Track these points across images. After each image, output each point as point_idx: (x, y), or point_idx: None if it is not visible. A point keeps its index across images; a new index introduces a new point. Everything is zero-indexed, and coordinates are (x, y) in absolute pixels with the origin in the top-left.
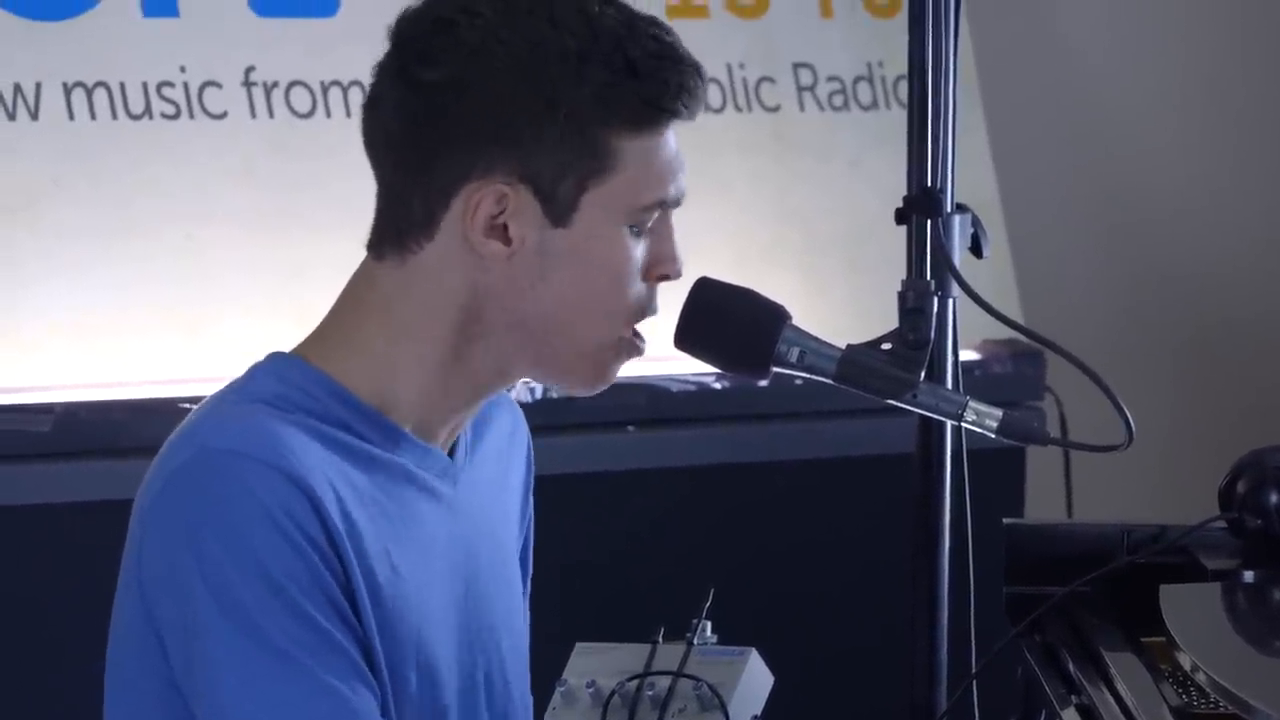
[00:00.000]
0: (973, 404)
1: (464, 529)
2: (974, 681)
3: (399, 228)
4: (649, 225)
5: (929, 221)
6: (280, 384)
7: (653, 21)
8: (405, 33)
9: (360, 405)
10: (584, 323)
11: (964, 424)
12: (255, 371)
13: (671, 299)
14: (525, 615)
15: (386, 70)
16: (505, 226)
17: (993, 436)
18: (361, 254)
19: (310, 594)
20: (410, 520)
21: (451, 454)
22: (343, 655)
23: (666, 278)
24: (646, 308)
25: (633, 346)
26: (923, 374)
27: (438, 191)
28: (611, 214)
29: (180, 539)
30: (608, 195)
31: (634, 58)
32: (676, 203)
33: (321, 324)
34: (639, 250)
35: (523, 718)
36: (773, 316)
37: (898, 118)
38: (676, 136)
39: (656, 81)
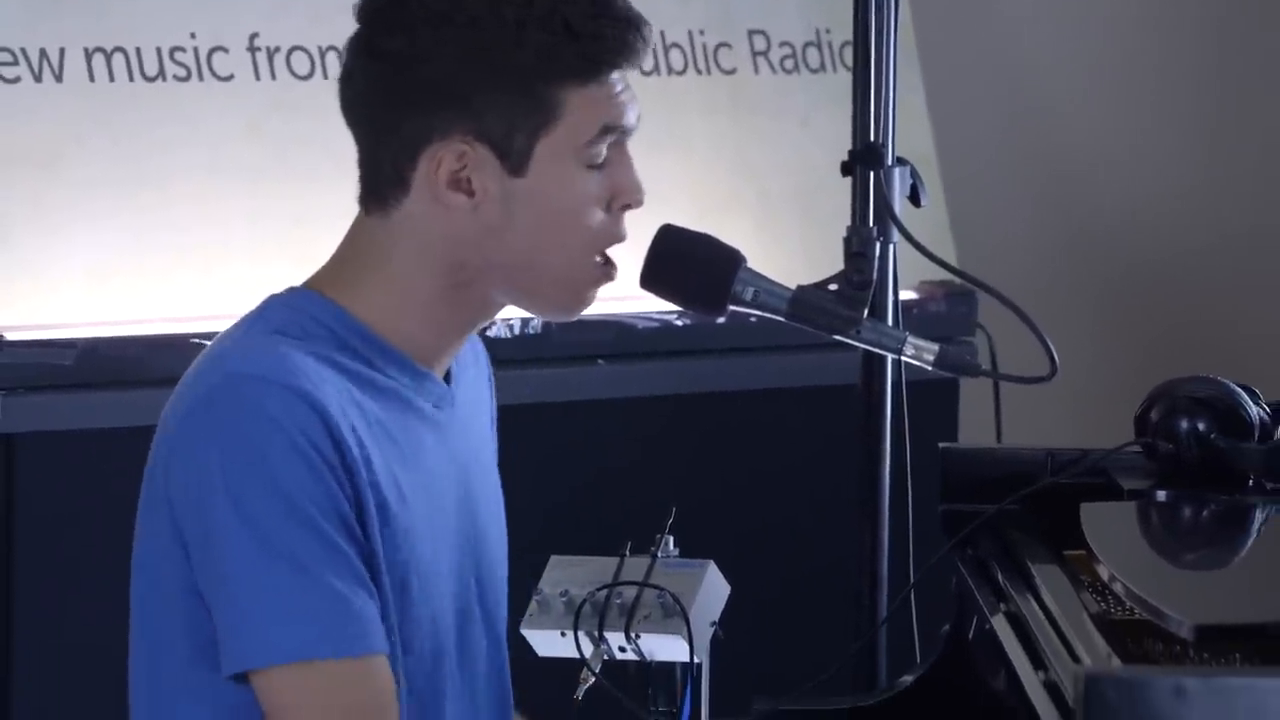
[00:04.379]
0: (911, 339)
1: (457, 450)
2: (912, 591)
3: (377, 186)
4: (603, 159)
5: (872, 173)
6: (296, 314)
7: None
8: (367, 8)
9: (369, 334)
10: (554, 258)
11: (903, 357)
12: (272, 302)
13: (636, 243)
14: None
15: (354, 44)
16: (469, 180)
17: (930, 369)
18: (355, 203)
19: (322, 509)
20: (413, 446)
21: (446, 380)
22: (348, 564)
23: (629, 207)
24: (614, 235)
25: (605, 273)
26: (866, 312)
27: (405, 152)
28: (565, 157)
29: (207, 457)
30: (558, 141)
31: (570, 18)
32: (627, 130)
33: (325, 268)
34: (596, 184)
35: (502, 612)
36: (729, 259)
37: (844, 79)
38: (624, 78)
39: (593, 38)
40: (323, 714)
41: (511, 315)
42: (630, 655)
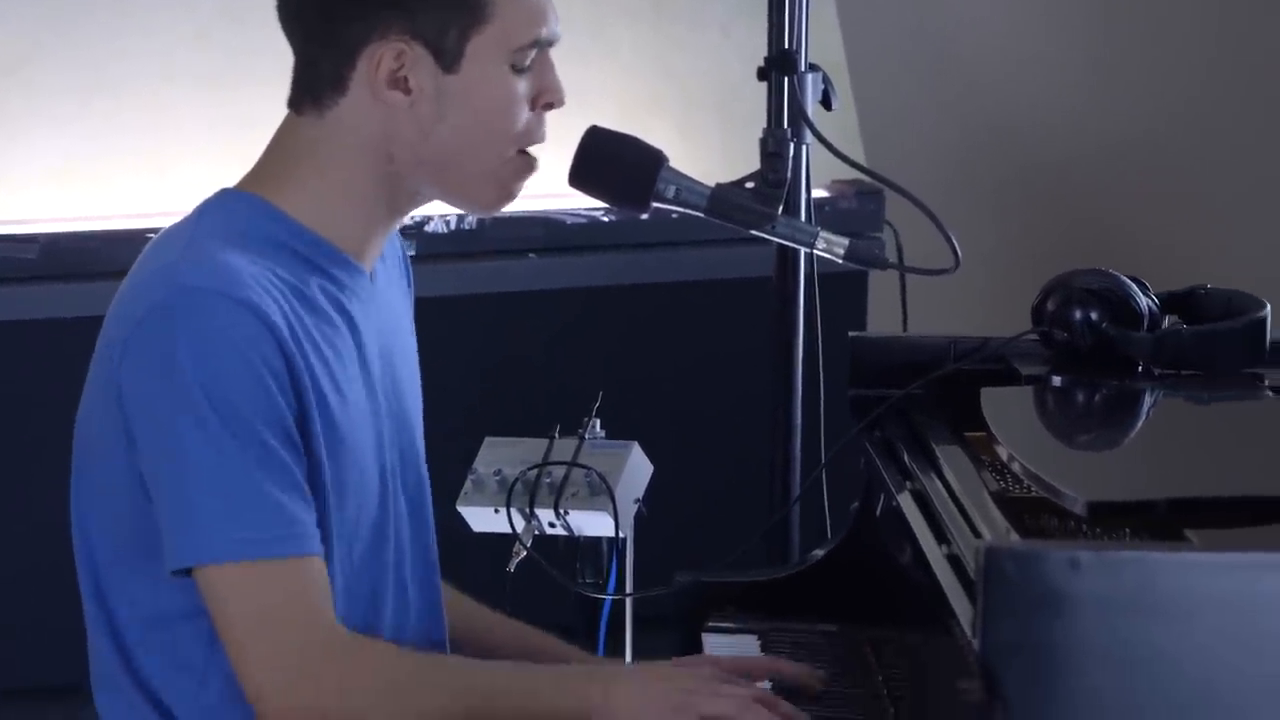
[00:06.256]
0: (823, 234)
1: (385, 341)
2: (823, 471)
3: (314, 88)
4: (529, 63)
5: (786, 79)
6: (233, 218)
7: None
8: None
9: (305, 231)
10: (481, 152)
11: (815, 251)
12: (209, 206)
13: (565, 144)
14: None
15: None
16: (406, 79)
17: (840, 262)
18: None
19: (267, 421)
20: (344, 345)
21: (372, 278)
22: (287, 473)
23: (551, 106)
24: (535, 135)
25: (527, 165)
26: (780, 208)
27: (344, 54)
28: (494, 57)
29: (159, 367)
30: (488, 41)
31: None
32: (550, 42)
33: (256, 168)
34: (522, 85)
35: (425, 488)
36: (652, 159)
37: None
38: None
39: None
40: (255, 611)
41: (448, 212)
42: (559, 530)
